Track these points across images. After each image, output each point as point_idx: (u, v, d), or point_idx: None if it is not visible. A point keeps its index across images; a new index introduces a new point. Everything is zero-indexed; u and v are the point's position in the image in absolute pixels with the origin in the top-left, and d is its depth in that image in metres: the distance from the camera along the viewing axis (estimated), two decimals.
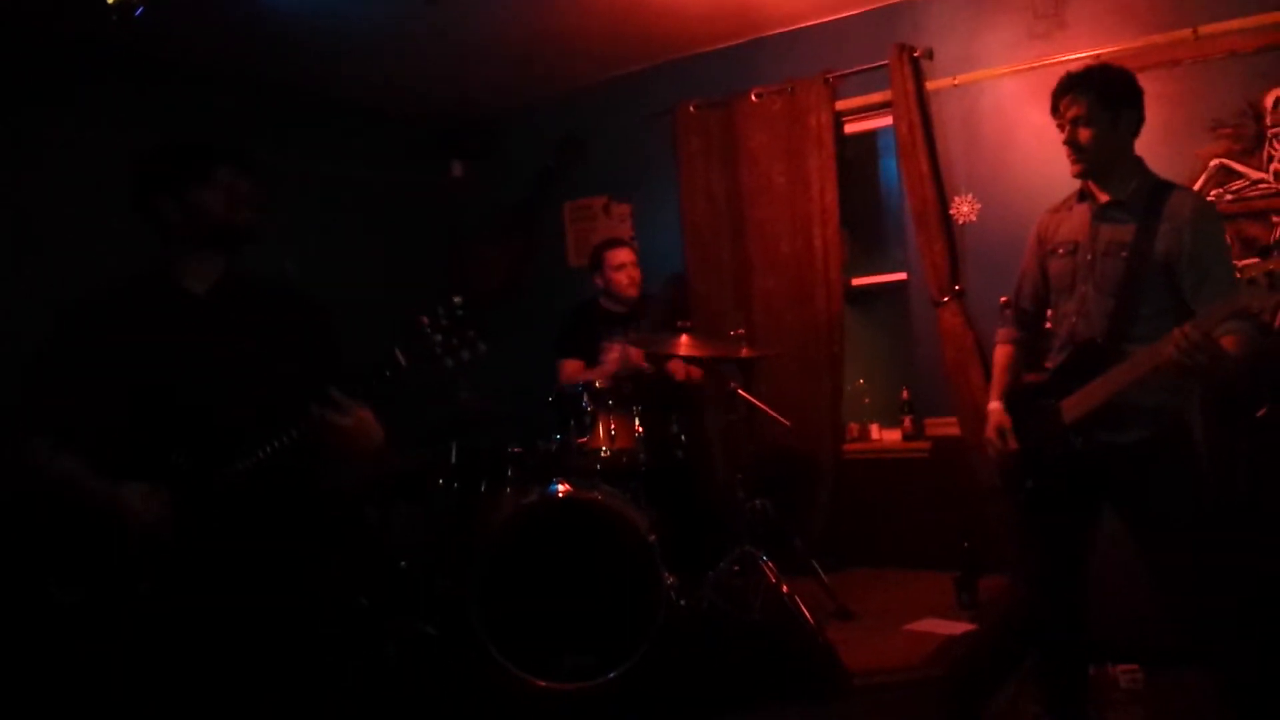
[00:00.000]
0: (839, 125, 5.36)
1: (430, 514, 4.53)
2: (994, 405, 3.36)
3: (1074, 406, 3.04)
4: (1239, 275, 2.69)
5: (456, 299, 2.42)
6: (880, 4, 5.17)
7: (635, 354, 4.89)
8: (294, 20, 4.66)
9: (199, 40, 4.83)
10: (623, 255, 5.02)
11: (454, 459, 4.55)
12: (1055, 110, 3.17)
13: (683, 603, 3.95)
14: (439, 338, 2.38)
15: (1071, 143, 3.12)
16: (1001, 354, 3.49)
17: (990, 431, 3.32)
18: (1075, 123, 3.10)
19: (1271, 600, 3.26)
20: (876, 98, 5.21)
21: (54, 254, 4.45)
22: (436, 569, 4.29)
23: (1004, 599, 4.32)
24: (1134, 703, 3.82)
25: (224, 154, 2.58)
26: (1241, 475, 3.78)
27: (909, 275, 5.28)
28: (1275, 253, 2.59)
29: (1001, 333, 3.53)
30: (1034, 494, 3.21)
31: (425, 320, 2.39)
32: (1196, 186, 4.31)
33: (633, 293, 5.01)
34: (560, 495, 3.88)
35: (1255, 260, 2.63)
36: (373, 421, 2.55)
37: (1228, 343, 2.76)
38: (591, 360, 5.01)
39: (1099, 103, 3.07)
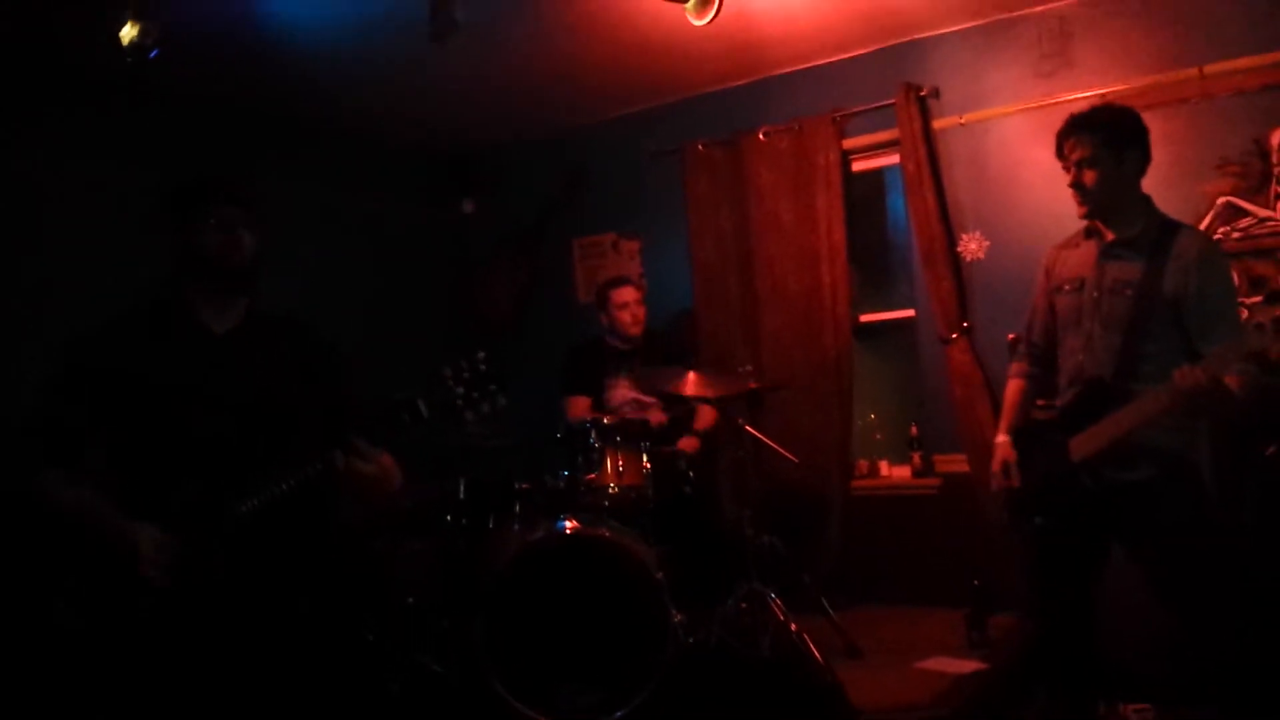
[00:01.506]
0: (846, 163, 5.40)
1: (438, 549, 4.53)
2: (1001, 439, 3.36)
3: (1082, 445, 3.04)
4: (1246, 316, 2.70)
5: (481, 354, 2.47)
6: (887, 43, 5.21)
7: (656, 418, 4.89)
8: (305, 56, 4.72)
9: (212, 77, 4.90)
10: (626, 294, 5.05)
11: (462, 494, 4.55)
12: (1060, 152, 3.18)
13: (691, 640, 3.93)
14: (460, 390, 2.42)
15: (1077, 185, 3.13)
16: (1013, 388, 3.49)
17: (995, 465, 3.33)
18: (1080, 165, 3.10)
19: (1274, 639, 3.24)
20: (884, 136, 5.25)
21: (60, 290, 4.50)
22: (443, 605, 4.28)
23: (1014, 637, 4.30)
24: None
25: (220, 194, 2.60)
26: (1250, 513, 3.77)
27: (917, 312, 5.28)
28: None
29: (1014, 367, 3.53)
30: (1043, 531, 3.21)
31: (448, 373, 2.43)
32: (1204, 224, 4.33)
33: (636, 331, 5.04)
34: (568, 531, 3.88)
35: (1262, 303, 2.64)
36: (393, 466, 2.57)
37: (1232, 382, 2.78)
38: (596, 398, 5.02)
39: (1103, 144, 3.07)
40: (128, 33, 3.87)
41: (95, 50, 4.04)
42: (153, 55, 3.88)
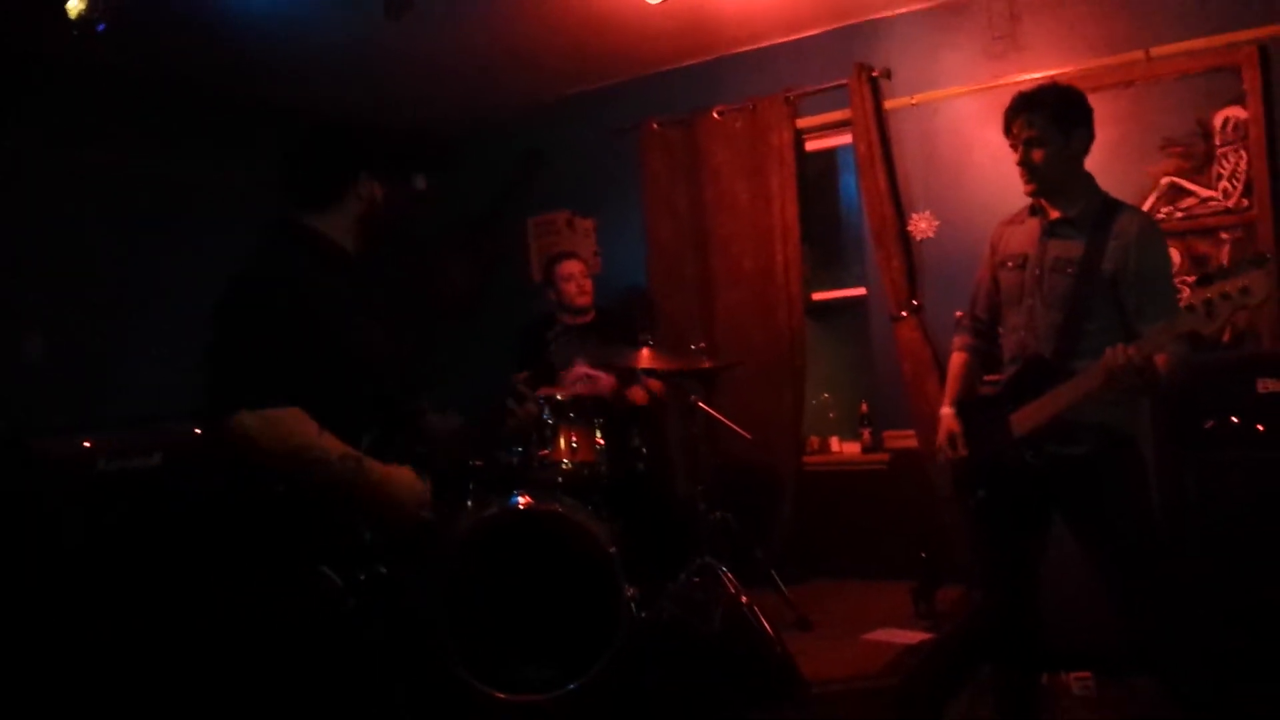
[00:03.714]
0: (800, 143, 5.43)
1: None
2: (945, 411, 3.41)
3: (1024, 420, 3.10)
4: (1187, 295, 2.75)
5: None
6: (840, 24, 5.24)
7: (606, 381, 4.92)
8: (256, 35, 4.65)
9: (159, 54, 4.82)
10: (572, 267, 5.11)
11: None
12: (1008, 131, 3.22)
13: (643, 614, 3.95)
14: None
15: (1025, 163, 3.16)
16: (957, 361, 3.54)
17: (941, 438, 3.38)
18: (1029, 144, 3.14)
19: (1217, 610, 3.33)
20: (836, 116, 5.29)
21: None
22: (395, 581, 4.28)
23: (960, 608, 4.38)
24: (1085, 710, 3.89)
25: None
26: (1190, 487, 3.85)
27: (868, 290, 5.34)
28: (1215, 282, 2.65)
29: (957, 340, 3.58)
30: (985, 504, 3.27)
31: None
32: (1148, 204, 4.40)
33: (583, 302, 5.09)
34: (521, 507, 3.89)
35: (1195, 286, 2.70)
36: None
37: (1160, 361, 2.84)
38: (551, 373, 5.04)
39: (1052, 123, 3.12)
40: (74, 6, 3.81)
41: (39, 25, 3.98)
42: (100, 29, 3.83)
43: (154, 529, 3.69)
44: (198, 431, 3.71)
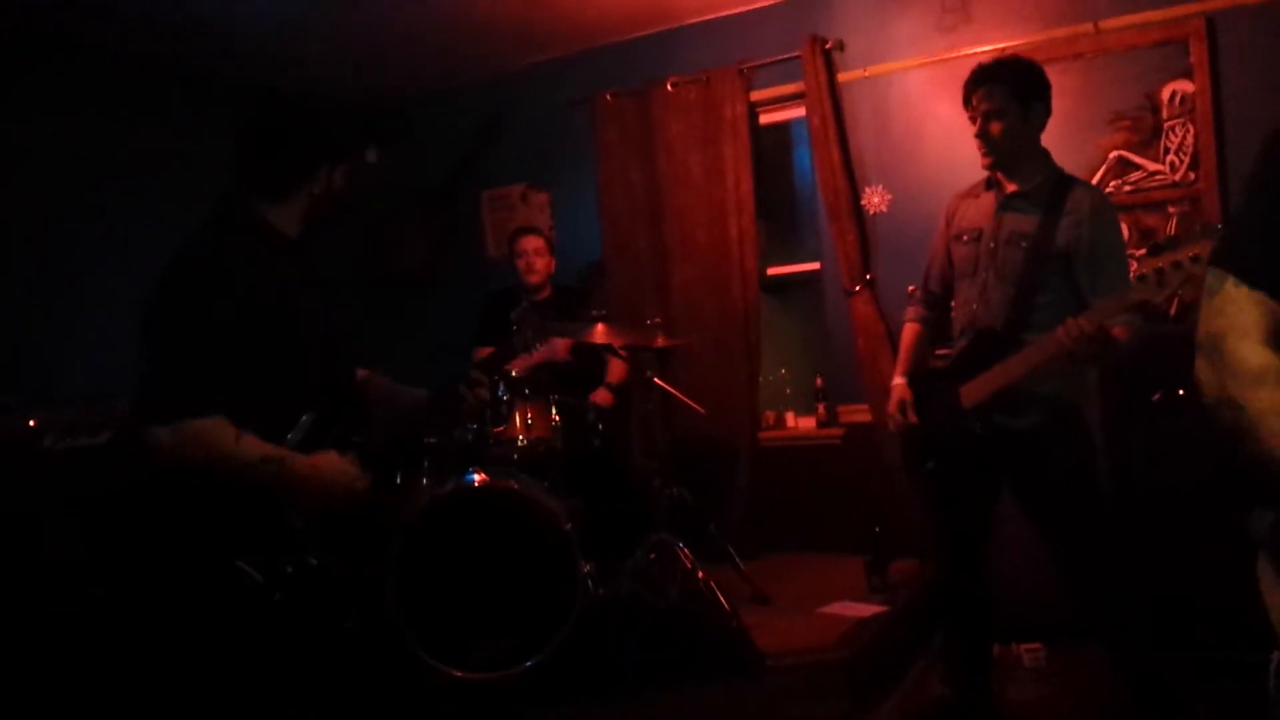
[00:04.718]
0: (754, 115, 5.41)
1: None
2: (898, 381, 3.44)
3: (973, 392, 3.12)
4: (1135, 268, 2.78)
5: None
6: None
7: (561, 346, 4.91)
8: (206, 4, 4.57)
9: (105, 22, 4.72)
10: (528, 243, 5.10)
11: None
12: (968, 103, 3.23)
13: (600, 590, 3.95)
14: None
15: (983, 135, 3.18)
16: (909, 332, 3.57)
17: (892, 406, 3.41)
18: (987, 116, 3.16)
19: (1160, 581, 3.38)
20: (790, 89, 5.27)
21: None
22: (351, 561, 4.25)
23: (913, 581, 4.42)
24: (1036, 680, 3.96)
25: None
26: (1136, 459, 3.91)
27: (822, 265, 5.34)
28: (1165, 251, 2.67)
29: (909, 311, 3.61)
30: (935, 475, 3.30)
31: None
32: (1096, 178, 4.43)
33: (533, 280, 5.08)
34: (476, 484, 3.87)
35: (1145, 255, 2.72)
36: None
37: (1118, 332, 2.87)
38: (513, 354, 5.02)
39: (1011, 96, 3.13)
40: None
41: None
42: None
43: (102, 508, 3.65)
44: None
